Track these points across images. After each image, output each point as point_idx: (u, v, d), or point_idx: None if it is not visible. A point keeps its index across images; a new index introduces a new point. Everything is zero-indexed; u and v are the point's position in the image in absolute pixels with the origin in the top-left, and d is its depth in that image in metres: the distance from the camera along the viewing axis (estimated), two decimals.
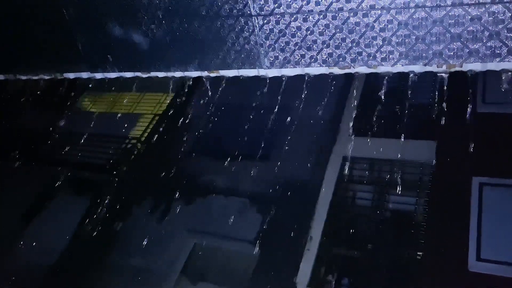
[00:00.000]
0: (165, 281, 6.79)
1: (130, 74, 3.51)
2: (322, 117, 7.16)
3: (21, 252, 7.77)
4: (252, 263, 6.57)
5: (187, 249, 7.11)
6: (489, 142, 6.34)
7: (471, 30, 2.35)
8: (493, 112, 6.71)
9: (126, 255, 7.20)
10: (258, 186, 7.25)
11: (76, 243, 7.61)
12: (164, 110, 9.54)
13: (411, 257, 5.99)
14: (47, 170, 9.19)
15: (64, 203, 8.40)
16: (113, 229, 7.52)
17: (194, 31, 2.99)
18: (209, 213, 7.30)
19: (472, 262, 5.51)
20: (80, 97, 10.63)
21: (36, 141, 9.55)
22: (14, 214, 8.41)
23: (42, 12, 3.48)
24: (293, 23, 2.69)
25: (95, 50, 3.44)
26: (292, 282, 6.09)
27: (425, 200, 6.37)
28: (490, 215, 5.79)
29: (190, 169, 8.12)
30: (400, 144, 6.65)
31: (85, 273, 7.20)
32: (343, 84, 7.85)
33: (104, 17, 3.23)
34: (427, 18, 2.40)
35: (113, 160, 8.88)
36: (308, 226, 6.54)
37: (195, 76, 3.28)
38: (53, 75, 3.87)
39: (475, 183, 6.08)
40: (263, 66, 2.91)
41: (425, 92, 7.06)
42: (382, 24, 2.50)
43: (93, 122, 9.35)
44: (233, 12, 2.81)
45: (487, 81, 6.87)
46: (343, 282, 6.05)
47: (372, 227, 6.37)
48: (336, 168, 7.09)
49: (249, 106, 7.07)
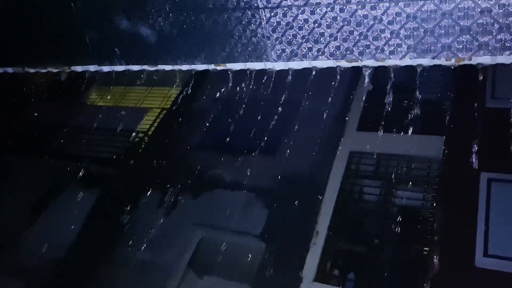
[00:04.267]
0: (171, 274, 6.82)
1: (137, 67, 3.51)
2: (329, 111, 7.13)
3: (29, 245, 7.85)
4: (258, 257, 6.58)
5: (194, 243, 7.14)
6: (498, 138, 6.27)
7: (480, 22, 2.32)
8: (503, 107, 6.64)
9: (133, 249, 7.24)
10: (265, 180, 7.25)
11: (83, 236, 7.67)
12: (171, 104, 9.56)
13: (417, 252, 5.97)
14: (54, 163, 9.26)
15: (71, 196, 8.46)
16: (120, 222, 7.57)
17: (201, 24, 2.98)
18: (215, 207, 7.31)
19: (479, 258, 5.48)
20: (88, 90, 10.67)
21: (43, 135, 9.62)
22: (22, 207, 8.48)
23: (50, 5, 3.49)
24: (301, 15, 2.67)
25: (103, 43, 3.45)
26: (298, 276, 6.10)
27: (433, 196, 6.33)
28: (498, 211, 5.75)
29: (197, 163, 8.13)
30: (407, 139, 6.61)
31: (92, 266, 7.26)
32: (351, 77, 7.80)
33: (112, 10, 3.24)
34: (436, 11, 2.37)
35: (120, 154, 8.93)
36: (315, 221, 6.54)
37: (202, 69, 3.27)
38: (60, 68, 3.88)
39: (483, 178, 6.03)
40: (270, 59, 2.90)
41: (434, 86, 7.01)
42: (390, 16, 2.48)
43: (100, 115, 9.39)
44: (240, 5, 2.80)
45: (497, 75, 6.79)
46: (349, 277, 6.05)
47: (378, 222, 6.35)
48: (343, 162, 7.06)
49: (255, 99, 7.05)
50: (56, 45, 3.71)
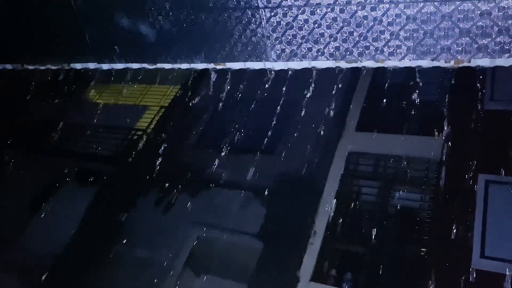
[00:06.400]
0: (169, 272, 6.82)
1: (137, 66, 3.51)
2: (328, 111, 7.13)
3: (27, 242, 7.85)
4: (256, 256, 6.58)
5: (191, 241, 7.14)
6: (496, 140, 6.29)
7: (480, 25, 2.33)
8: (501, 109, 6.65)
9: (131, 246, 7.24)
10: (263, 180, 7.25)
11: (81, 234, 7.67)
12: (170, 102, 9.55)
13: (415, 253, 5.99)
14: (52, 161, 9.25)
15: (70, 194, 8.45)
16: (118, 220, 7.57)
17: (201, 23, 2.98)
18: (213, 206, 7.31)
19: (476, 259, 5.49)
20: (87, 88, 10.66)
21: (42, 132, 9.60)
22: (21, 204, 8.47)
23: (50, 2, 3.48)
24: (301, 16, 2.67)
25: (102, 41, 3.45)
26: (295, 275, 6.10)
27: (430, 197, 6.34)
28: (495, 213, 5.76)
29: (195, 161, 8.13)
30: (406, 140, 6.62)
31: (89, 263, 7.26)
32: (350, 78, 7.81)
33: (112, 8, 3.23)
34: (436, 13, 2.37)
35: (119, 151, 8.92)
36: (312, 221, 6.54)
37: (201, 68, 3.28)
38: (60, 65, 3.88)
39: (481, 180, 6.05)
40: (270, 59, 2.90)
41: (432, 88, 7.01)
42: (390, 18, 2.48)
43: (99, 113, 9.38)
44: (240, 4, 2.80)
45: (496, 77, 6.80)
46: (346, 277, 6.06)
47: (376, 223, 6.36)
48: (341, 163, 7.07)
49: (254, 99, 7.06)
50: (55, 43, 3.71)
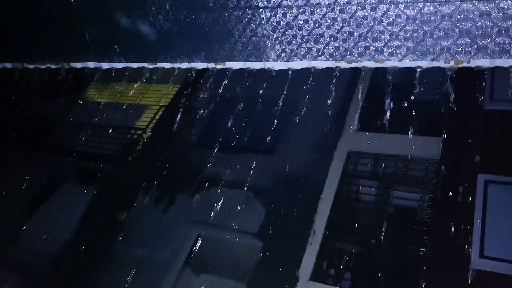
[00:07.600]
0: (168, 272, 6.83)
1: (137, 65, 3.51)
2: (328, 111, 7.14)
3: (26, 241, 7.85)
4: (255, 255, 6.59)
5: (191, 241, 7.14)
6: (495, 140, 6.30)
7: (480, 25, 2.33)
8: (501, 110, 6.65)
9: (130, 246, 7.25)
10: (263, 179, 7.26)
11: (80, 233, 7.67)
12: (169, 101, 9.55)
13: (414, 253, 5.99)
14: (52, 159, 9.25)
15: (69, 193, 8.45)
16: (118, 219, 7.57)
17: (201, 23, 2.98)
18: (213, 205, 7.32)
19: (475, 259, 5.50)
20: (86, 87, 10.66)
21: (42, 131, 9.60)
22: (20, 203, 8.47)
23: (50, 1, 3.48)
24: (301, 16, 2.67)
25: (102, 40, 3.44)
26: (294, 275, 6.11)
27: (430, 197, 6.35)
28: (495, 213, 5.76)
29: (195, 160, 8.14)
30: (405, 140, 6.62)
31: (88, 262, 7.26)
32: (350, 78, 7.81)
33: (112, 7, 3.23)
34: (436, 13, 2.37)
35: (118, 151, 8.92)
36: (312, 220, 6.55)
37: (201, 67, 3.27)
38: (60, 64, 3.88)
39: (480, 180, 6.05)
40: (270, 58, 2.90)
41: (432, 88, 7.01)
42: (390, 18, 2.48)
43: (99, 112, 9.38)
44: (240, 4, 2.80)
45: (495, 78, 6.81)
46: (346, 277, 6.06)
47: (375, 223, 6.36)
48: (341, 162, 7.07)
49: (254, 99, 7.05)
50: (55, 42, 3.71)
